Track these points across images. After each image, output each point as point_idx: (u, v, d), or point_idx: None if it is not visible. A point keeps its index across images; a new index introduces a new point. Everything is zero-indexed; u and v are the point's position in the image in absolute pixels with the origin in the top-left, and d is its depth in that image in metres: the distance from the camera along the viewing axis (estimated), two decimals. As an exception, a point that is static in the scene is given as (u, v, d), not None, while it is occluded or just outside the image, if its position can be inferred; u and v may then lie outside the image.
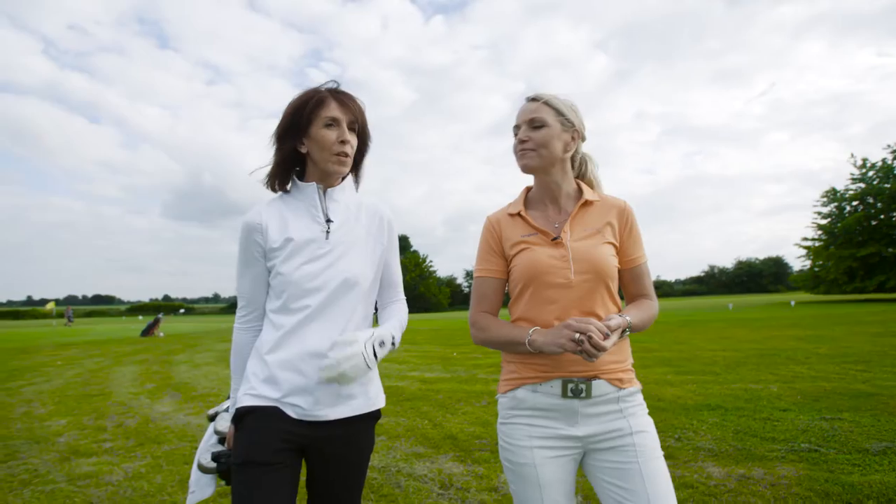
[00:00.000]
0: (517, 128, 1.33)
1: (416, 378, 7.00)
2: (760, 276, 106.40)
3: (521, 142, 1.30)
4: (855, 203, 35.63)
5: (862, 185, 35.14)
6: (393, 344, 1.26)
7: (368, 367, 1.17)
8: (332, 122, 1.25)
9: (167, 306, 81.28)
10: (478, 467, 3.20)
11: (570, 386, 1.19)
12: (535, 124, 1.29)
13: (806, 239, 38.54)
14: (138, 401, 5.93)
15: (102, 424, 4.77)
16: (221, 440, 1.40)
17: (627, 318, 1.19)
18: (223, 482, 1.32)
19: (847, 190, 36.02)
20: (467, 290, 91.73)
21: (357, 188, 1.42)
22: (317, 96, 1.26)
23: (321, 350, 1.21)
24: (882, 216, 34.12)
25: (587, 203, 1.31)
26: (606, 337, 1.10)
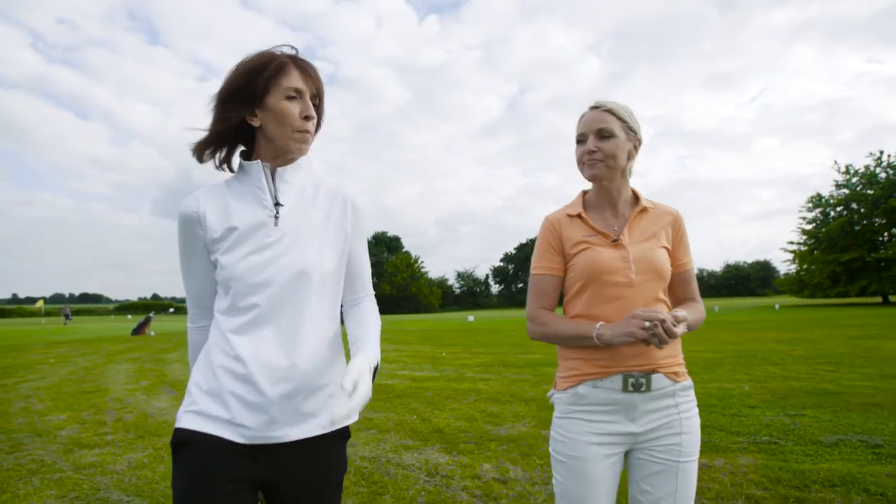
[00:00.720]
0: (583, 136, 1.34)
1: (406, 376, 7.22)
2: (748, 280, 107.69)
3: (591, 152, 1.31)
4: (839, 209, 36.42)
5: (846, 191, 35.95)
6: (378, 364, 1.11)
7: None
8: (296, 94, 1.08)
9: (156, 305, 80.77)
10: (462, 458, 3.42)
11: (630, 380, 1.23)
12: (604, 134, 1.30)
13: (791, 243, 39.35)
14: (135, 397, 6.09)
15: (102, 419, 4.94)
16: None
17: (686, 314, 1.23)
18: None
19: (831, 196, 36.80)
20: (458, 291, 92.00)
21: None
22: (277, 61, 1.07)
23: (275, 358, 1.04)
24: (865, 222, 34.92)
25: (643, 210, 1.36)
26: (677, 324, 1.14)
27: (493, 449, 3.60)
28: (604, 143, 1.29)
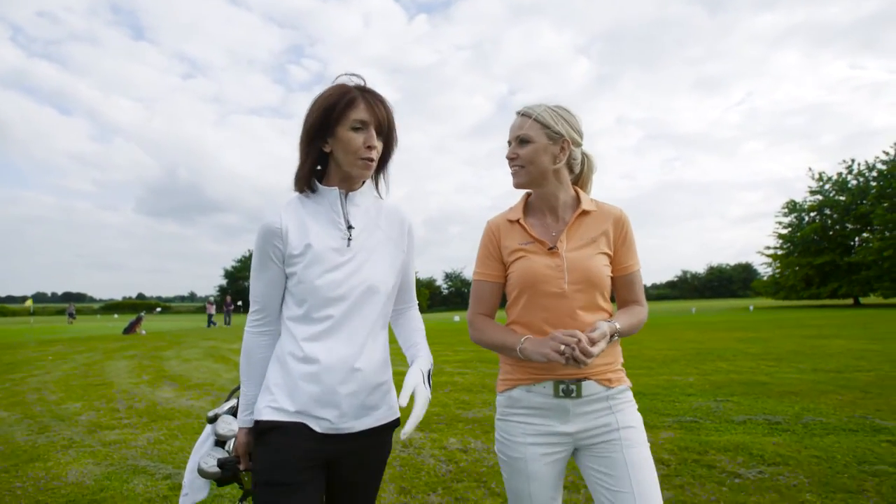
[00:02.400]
0: (508, 142, 1.37)
1: (389, 371, 7.84)
2: (731, 282, 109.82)
3: (510, 159, 1.35)
4: (813, 214, 37.73)
5: (820, 197, 37.27)
6: (431, 366, 1.32)
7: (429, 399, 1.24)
8: (361, 126, 1.21)
9: (141, 304, 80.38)
10: (433, 434, 4.06)
11: (561, 387, 1.26)
12: (521, 140, 1.32)
13: (768, 247, 40.62)
14: (140, 389, 6.64)
15: (114, 407, 5.50)
16: (219, 443, 1.34)
17: (616, 324, 1.25)
18: (217, 485, 1.33)
19: (806, 201, 38.15)
20: (447, 291, 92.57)
21: (380, 193, 1.38)
22: (348, 96, 1.20)
23: (347, 361, 1.19)
24: (837, 227, 36.26)
25: (584, 213, 1.35)
26: (593, 344, 1.15)
27: (460, 428, 4.24)
28: (521, 148, 1.33)
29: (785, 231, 39.22)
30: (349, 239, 1.24)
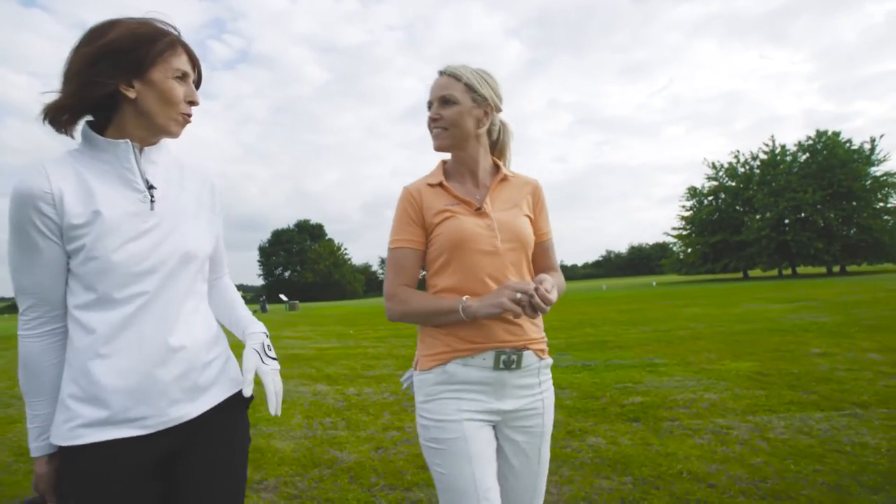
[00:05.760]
0: (429, 103, 1.32)
1: (313, 347, 9.04)
2: (650, 260, 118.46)
3: (433, 120, 1.30)
4: (710, 198, 42.23)
5: (715, 182, 41.73)
6: (266, 336, 1.20)
7: (278, 370, 1.13)
8: (183, 76, 1.05)
9: None
10: (337, 386, 5.35)
11: (502, 357, 1.21)
12: (446, 101, 1.28)
13: (675, 228, 44.98)
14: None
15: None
16: None
17: (553, 281, 1.20)
18: None
19: (704, 187, 42.59)
20: (382, 276, 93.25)
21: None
22: (169, 38, 1.02)
23: (165, 343, 1.01)
24: (730, 210, 40.87)
25: (505, 178, 1.35)
26: (548, 291, 1.11)
27: (360, 382, 5.56)
28: (445, 110, 1.28)
29: (687, 214, 43.62)
30: (152, 201, 1.04)
